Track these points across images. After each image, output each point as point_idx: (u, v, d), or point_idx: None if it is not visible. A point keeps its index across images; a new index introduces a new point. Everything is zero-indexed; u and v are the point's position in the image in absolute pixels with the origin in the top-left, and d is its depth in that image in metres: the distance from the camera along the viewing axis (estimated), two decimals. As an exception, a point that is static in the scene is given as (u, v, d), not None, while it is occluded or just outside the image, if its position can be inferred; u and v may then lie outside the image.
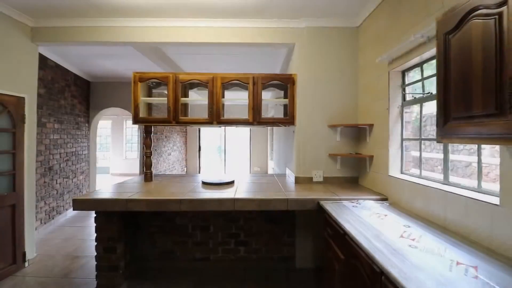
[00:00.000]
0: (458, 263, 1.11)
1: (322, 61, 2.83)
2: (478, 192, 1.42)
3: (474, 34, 0.98)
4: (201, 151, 9.53)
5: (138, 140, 6.35)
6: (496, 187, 1.29)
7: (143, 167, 2.98)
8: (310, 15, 2.71)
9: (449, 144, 1.62)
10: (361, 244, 1.34)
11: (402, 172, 2.18)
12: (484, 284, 0.95)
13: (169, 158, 7.41)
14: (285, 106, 3.06)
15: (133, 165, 9.30)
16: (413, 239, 1.38)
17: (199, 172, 9.26)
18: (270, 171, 8.30)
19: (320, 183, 2.78)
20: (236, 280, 2.55)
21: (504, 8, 0.87)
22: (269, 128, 7.81)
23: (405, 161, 2.17)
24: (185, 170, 8.94)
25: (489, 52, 0.92)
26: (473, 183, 1.50)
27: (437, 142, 1.21)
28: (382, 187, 2.32)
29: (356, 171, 2.83)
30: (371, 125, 2.51)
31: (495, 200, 1.25)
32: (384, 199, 2.20)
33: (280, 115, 3.52)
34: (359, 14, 2.68)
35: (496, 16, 0.90)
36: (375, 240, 1.37)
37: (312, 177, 2.82)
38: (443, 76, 1.15)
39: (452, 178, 1.68)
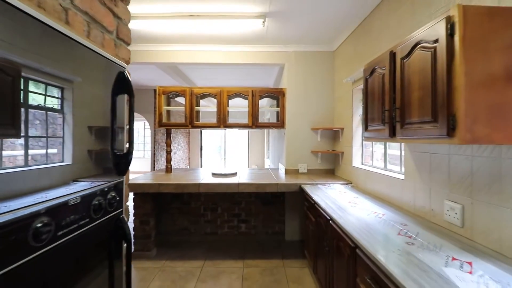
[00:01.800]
0: (375, 213, 1.88)
1: (306, 78, 3.59)
2: (399, 173, 2.19)
3: (376, 82, 1.74)
4: (203, 150, 10.27)
5: (151, 141, 7.05)
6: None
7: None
8: (296, 42, 3.47)
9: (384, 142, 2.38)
10: (321, 206, 2.10)
11: (362, 164, 2.95)
12: (386, 222, 1.71)
13: (175, 156, 8.13)
14: (277, 113, 3.82)
15: (139, 163, 9.99)
16: (356, 203, 2.14)
17: (201, 170, 9.96)
18: (266, 169, 9.04)
19: (305, 174, 3.54)
20: (238, 249, 3.29)
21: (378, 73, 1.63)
22: (265, 130, 8.58)
23: (365, 155, 2.94)
24: (188, 168, 9.66)
25: (380, 92, 1.67)
26: (397, 168, 2.27)
27: (364, 140, 1.97)
28: (348, 175, 3.09)
29: (333, 164, 3.60)
30: (342, 129, 3.28)
31: (403, 177, 2.02)
32: (349, 183, 2.97)
33: (274, 120, 4.28)
34: (334, 42, 3.45)
35: (384, 73, 1.65)
36: (331, 204, 2.13)
37: (298, 169, 3.58)
38: (365, 100, 1.92)
39: (389, 166, 2.45)
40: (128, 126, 0.97)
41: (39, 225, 0.61)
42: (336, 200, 2.26)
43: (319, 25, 2.94)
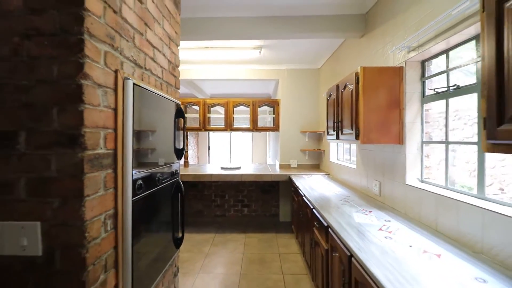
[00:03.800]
0: (334, 191, 2.73)
1: (296, 90, 4.46)
2: (350, 163, 3.03)
3: (331, 102, 2.59)
4: (210, 150, 11.20)
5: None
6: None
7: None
8: (288, 62, 4.34)
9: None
10: (300, 188, 2.96)
11: (337, 159, 3.79)
12: (338, 195, 2.57)
13: (185, 155, 9.08)
14: (273, 118, 4.69)
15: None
16: (324, 186, 3.00)
17: (209, 168, 10.89)
18: (268, 167, 9.92)
19: (295, 168, 4.40)
20: (241, 227, 4.17)
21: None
22: (267, 133, 9.48)
23: (339, 153, 3.79)
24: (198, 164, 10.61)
25: (333, 110, 2.52)
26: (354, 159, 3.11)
27: (328, 141, 2.83)
28: (327, 168, 3.94)
29: (318, 160, 4.45)
30: (324, 132, 4.13)
31: (354, 166, 2.87)
32: (327, 174, 3.83)
33: (271, 124, 5.15)
34: (319, 62, 4.30)
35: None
36: (307, 187, 2.99)
37: (290, 164, 4.45)
38: (327, 114, 2.76)
39: (353, 158, 3.30)
40: (182, 134, 1.84)
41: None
42: (311, 185, 3.12)
43: (303, 51, 3.79)
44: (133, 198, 1.12)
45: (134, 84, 1.12)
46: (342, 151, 3.66)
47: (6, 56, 0.89)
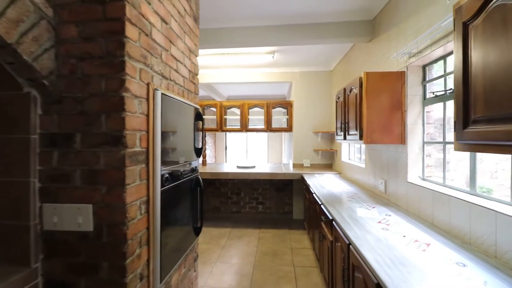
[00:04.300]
0: (343, 189, 2.86)
1: (309, 92, 4.59)
2: (360, 163, 3.14)
3: (339, 105, 2.73)
4: (227, 150, 11.51)
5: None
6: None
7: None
8: (301, 65, 4.48)
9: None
10: (311, 186, 3.12)
11: (349, 159, 3.89)
12: (346, 193, 2.70)
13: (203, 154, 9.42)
14: (287, 119, 4.85)
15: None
16: (334, 184, 3.13)
17: (226, 167, 11.20)
18: (284, 166, 10.07)
19: (308, 167, 4.54)
20: (256, 223, 4.37)
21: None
22: (282, 133, 9.63)
23: (351, 152, 3.89)
24: (215, 162, 10.95)
25: (341, 112, 2.65)
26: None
27: (337, 141, 2.97)
28: (339, 167, 4.05)
29: (331, 159, 4.56)
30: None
31: (363, 166, 2.98)
32: (339, 173, 3.94)
33: (285, 125, 5.31)
34: (331, 64, 4.41)
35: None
36: (318, 185, 3.14)
37: (303, 163, 4.59)
38: (336, 115, 2.90)
39: (363, 158, 3.39)
40: (201, 134, 2.07)
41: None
42: (321, 183, 3.27)
43: (316, 55, 3.93)
44: (161, 189, 1.35)
45: (162, 93, 1.35)
46: (353, 151, 3.76)
47: (66, 75, 1.15)
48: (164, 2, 1.48)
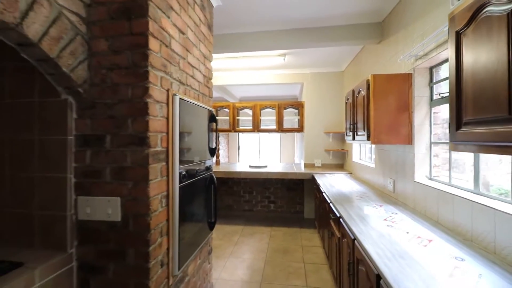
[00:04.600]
0: (352, 188, 2.92)
1: (320, 93, 4.65)
2: (370, 163, 3.17)
3: (348, 106, 2.78)
4: (240, 150, 11.68)
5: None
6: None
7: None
8: (312, 66, 4.55)
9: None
10: (321, 185, 3.19)
11: (360, 159, 3.92)
12: (355, 192, 2.76)
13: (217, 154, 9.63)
14: (298, 120, 4.92)
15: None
16: (343, 184, 3.19)
17: (239, 167, 11.37)
18: (296, 166, 10.11)
19: (319, 167, 4.59)
20: (268, 221, 4.47)
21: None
22: (295, 134, 9.69)
23: (361, 152, 3.92)
24: (228, 162, 11.15)
25: (350, 113, 2.71)
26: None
27: (347, 141, 3.03)
28: (350, 167, 4.09)
29: (342, 159, 4.59)
30: (347, 132, 4.27)
31: (373, 166, 3.02)
32: (350, 173, 3.98)
33: (296, 125, 5.38)
34: (342, 64, 4.45)
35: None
36: (327, 184, 3.20)
37: (314, 163, 4.65)
38: (345, 116, 2.96)
39: (373, 158, 3.42)
40: (215, 135, 2.20)
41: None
42: (332, 182, 3.33)
43: (327, 56, 3.99)
44: (180, 185, 1.49)
45: (180, 98, 1.49)
46: (364, 151, 3.79)
47: (98, 83, 1.30)
48: (181, 14, 1.62)
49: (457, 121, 1.00)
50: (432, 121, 2.01)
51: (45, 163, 1.32)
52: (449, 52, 1.05)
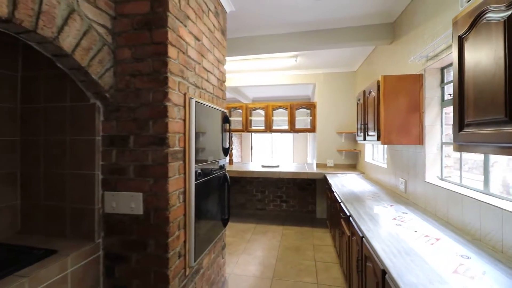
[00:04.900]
0: (364, 188, 2.94)
1: (332, 93, 4.66)
2: (382, 163, 3.17)
3: (359, 107, 2.80)
4: (253, 150, 11.78)
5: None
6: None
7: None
8: (324, 66, 4.57)
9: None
10: (332, 185, 3.22)
11: (372, 159, 3.91)
12: (366, 192, 2.78)
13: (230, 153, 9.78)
14: (310, 120, 4.95)
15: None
16: (355, 183, 3.21)
17: (252, 167, 11.47)
18: (309, 167, 10.10)
19: (332, 167, 4.61)
20: (280, 220, 4.54)
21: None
22: (307, 134, 9.68)
23: (374, 153, 3.91)
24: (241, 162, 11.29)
25: (360, 113, 2.73)
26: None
27: (358, 141, 3.05)
28: (363, 168, 4.08)
29: (354, 160, 4.59)
30: (360, 132, 4.27)
31: (385, 166, 3.03)
32: (362, 173, 3.98)
33: (309, 126, 5.41)
34: (355, 65, 4.44)
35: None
36: (339, 184, 3.23)
37: (326, 163, 4.67)
38: (357, 116, 2.98)
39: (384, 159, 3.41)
40: (228, 135, 2.31)
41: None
42: (343, 182, 3.36)
43: (339, 56, 4.00)
44: (195, 182, 1.59)
45: (195, 101, 1.60)
46: (377, 151, 3.78)
47: (122, 88, 1.43)
48: (197, 22, 1.72)
49: (459, 123, 1.04)
50: (443, 121, 2.02)
51: (76, 161, 1.46)
52: (453, 55, 1.09)
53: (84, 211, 1.45)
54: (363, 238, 1.63)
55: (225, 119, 2.25)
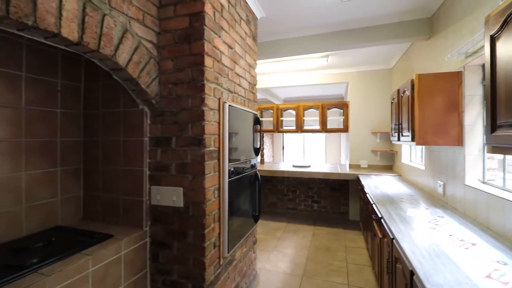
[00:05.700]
0: (399, 190, 2.84)
1: (366, 92, 4.53)
2: (420, 165, 3.02)
3: (393, 106, 2.72)
4: (284, 150, 11.80)
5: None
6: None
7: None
8: (357, 64, 4.47)
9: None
10: (365, 186, 3.17)
11: (410, 160, 3.74)
12: (401, 194, 2.70)
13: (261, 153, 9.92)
14: (343, 120, 4.87)
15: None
16: (390, 186, 3.11)
17: (283, 167, 11.48)
18: (343, 167, 9.82)
19: (365, 168, 4.48)
20: (311, 220, 4.54)
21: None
22: (341, 134, 9.44)
23: (412, 154, 3.73)
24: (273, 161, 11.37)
25: (395, 113, 2.65)
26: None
27: (393, 142, 2.96)
28: (399, 169, 3.92)
29: (391, 161, 4.41)
30: (396, 132, 4.10)
31: (423, 167, 2.89)
32: (399, 175, 3.82)
33: (341, 126, 5.31)
34: (391, 61, 4.27)
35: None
36: (373, 187, 3.16)
37: (360, 164, 4.56)
38: (391, 117, 2.88)
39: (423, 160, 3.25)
40: (259, 136, 2.42)
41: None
42: (377, 184, 3.27)
43: (373, 53, 3.89)
44: (228, 179, 1.73)
45: (229, 105, 1.73)
46: (415, 152, 3.61)
47: (165, 95, 1.62)
48: (230, 31, 1.86)
49: (492, 124, 1.02)
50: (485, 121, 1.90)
51: (127, 159, 1.68)
52: (485, 55, 1.07)
53: (134, 202, 1.66)
54: (393, 240, 1.62)
55: (256, 121, 2.36)
